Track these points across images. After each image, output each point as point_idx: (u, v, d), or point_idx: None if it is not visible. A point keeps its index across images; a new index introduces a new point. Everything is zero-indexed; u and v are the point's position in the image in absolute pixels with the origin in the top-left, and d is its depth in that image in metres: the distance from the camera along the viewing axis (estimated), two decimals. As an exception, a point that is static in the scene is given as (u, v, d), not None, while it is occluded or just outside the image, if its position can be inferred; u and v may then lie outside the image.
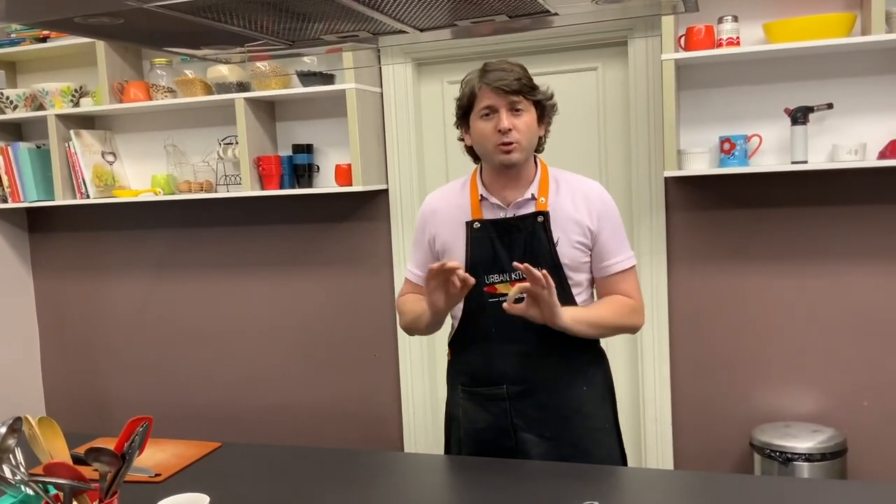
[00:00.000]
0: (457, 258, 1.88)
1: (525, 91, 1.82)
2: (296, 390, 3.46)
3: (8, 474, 1.43)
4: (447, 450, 2.04)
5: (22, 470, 1.43)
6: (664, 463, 2.96)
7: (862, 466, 2.71)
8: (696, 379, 2.92)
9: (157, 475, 1.82)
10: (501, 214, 1.88)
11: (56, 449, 1.45)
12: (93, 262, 3.71)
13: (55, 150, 3.35)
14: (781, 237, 2.77)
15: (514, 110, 1.81)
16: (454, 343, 1.98)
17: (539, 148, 1.94)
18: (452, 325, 1.99)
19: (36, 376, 3.85)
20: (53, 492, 1.39)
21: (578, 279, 1.89)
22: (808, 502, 1.48)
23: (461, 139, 1.96)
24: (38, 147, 3.52)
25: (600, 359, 1.99)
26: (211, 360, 3.57)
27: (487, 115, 1.82)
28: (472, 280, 1.72)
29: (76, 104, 3.43)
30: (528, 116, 1.83)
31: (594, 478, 1.65)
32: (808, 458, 2.54)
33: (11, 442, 1.42)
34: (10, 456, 1.42)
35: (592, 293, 1.97)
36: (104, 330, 3.73)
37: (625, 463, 1.99)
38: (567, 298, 1.85)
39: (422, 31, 1.33)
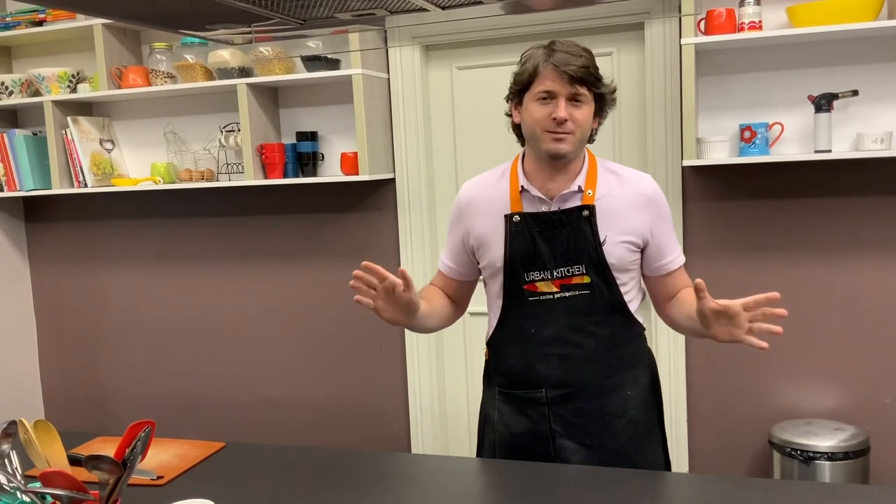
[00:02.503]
0: (494, 253, 1.77)
1: (590, 81, 1.68)
2: (299, 384, 3.38)
3: (3, 481, 1.35)
4: (479, 453, 1.94)
5: (18, 476, 1.35)
6: (679, 461, 2.88)
7: (886, 466, 2.63)
8: (712, 375, 2.83)
9: (159, 478, 1.73)
10: (543, 208, 1.75)
11: (53, 453, 1.37)
12: (91, 252, 3.62)
13: (52, 138, 3.26)
14: (803, 229, 2.68)
15: (574, 100, 1.68)
16: (492, 342, 1.87)
17: (591, 139, 1.80)
18: (490, 322, 1.88)
19: (33, 369, 3.77)
20: (50, 500, 1.31)
21: (625, 280, 1.76)
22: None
23: (509, 114, 1.82)
24: (35, 134, 3.42)
25: (646, 359, 1.88)
26: (212, 354, 3.49)
27: (545, 98, 1.68)
28: (407, 274, 1.63)
29: (73, 90, 3.33)
30: (587, 109, 1.70)
31: (623, 483, 1.57)
32: (831, 456, 2.46)
33: (6, 447, 1.34)
34: (6, 461, 1.34)
35: (643, 296, 1.87)
36: (102, 322, 3.65)
37: (668, 469, 1.89)
38: (616, 299, 1.75)
39: (443, 8, 1.23)
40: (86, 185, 3.27)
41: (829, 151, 2.51)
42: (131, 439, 1.30)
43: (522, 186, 1.77)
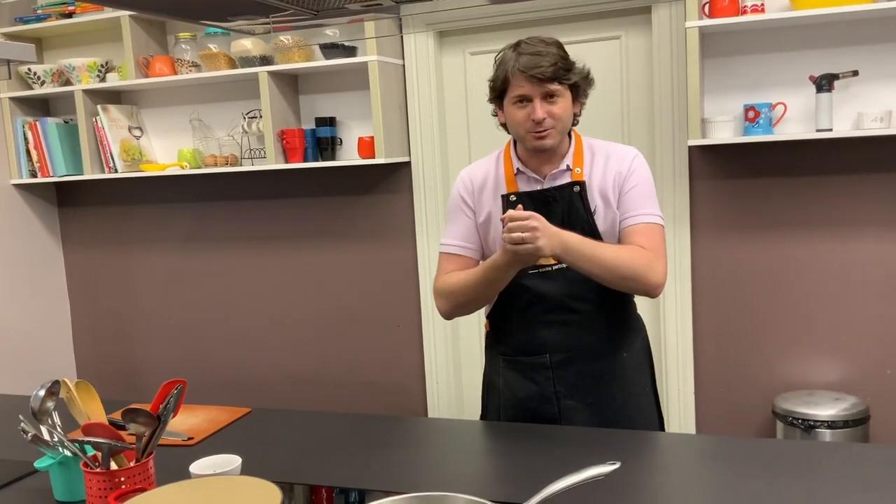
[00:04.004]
0: (497, 231, 1.88)
1: (560, 76, 1.76)
2: (320, 360, 3.51)
3: (47, 436, 1.49)
4: (484, 417, 2.05)
5: (60, 431, 1.48)
6: (686, 429, 2.98)
7: (885, 434, 2.71)
8: (718, 347, 2.93)
9: (189, 438, 1.86)
10: (538, 187, 1.87)
11: (93, 411, 1.50)
12: (121, 235, 3.77)
13: (83, 125, 3.40)
14: (806, 206, 2.76)
15: (548, 98, 1.77)
16: (493, 315, 1.98)
17: (574, 122, 1.90)
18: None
19: (68, 349, 3.94)
20: (91, 452, 1.44)
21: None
22: (832, 464, 1.50)
23: (495, 114, 1.93)
24: (66, 122, 3.57)
25: (638, 326, 2.00)
26: (238, 330, 3.63)
27: (521, 102, 1.78)
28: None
29: (102, 79, 3.47)
30: (564, 101, 1.79)
31: (623, 441, 1.68)
32: (831, 425, 2.55)
33: (50, 405, 1.47)
34: (49, 418, 1.47)
35: None
36: (132, 301, 3.80)
37: (662, 428, 2.01)
38: None
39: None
40: (116, 171, 3.41)
41: (831, 130, 2.59)
42: (165, 396, 1.42)
43: (518, 168, 1.88)
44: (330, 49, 3.08)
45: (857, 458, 1.53)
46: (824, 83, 2.58)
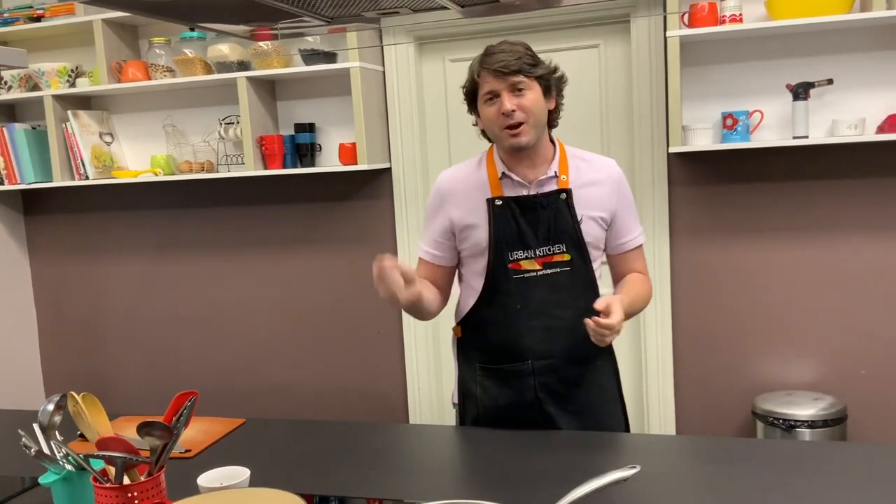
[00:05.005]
0: (479, 236, 1.89)
1: (525, 69, 1.80)
2: (301, 368, 3.48)
3: (55, 451, 1.45)
4: (462, 424, 2.06)
5: (68, 447, 1.45)
6: (667, 431, 3.03)
7: (862, 433, 2.79)
8: (697, 350, 2.98)
9: (187, 451, 1.84)
10: (524, 192, 1.89)
11: (99, 424, 1.46)
12: (91, 243, 3.69)
13: (52, 131, 3.33)
14: (782, 211, 2.83)
15: (516, 90, 1.80)
16: (467, 321, 1.97)
17: (553, 123, 1.93)
18: (465, 302, 1.99)
19: (34, 361, 3.84)
20: (98, 467, 1.41)
21: (595, 256, 1.93)
22: (812, 463, 1.54)
23: (475, 124, 1.96)
24: (34, 128, 3.49)
25: None
26: (214, 341, 3.58)
27: (491, 99, 1.83)
28: (408, 269, 1.71)
29: (72, 84, 3.39)
30: (533, 94, 1.82)
31: (621, 446, 1.70)
32: (811, 424, 2.61)
33: (57, 419, 1.44)
34: (56, 433, 1.44)
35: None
36: (103, 311, 3.72)
37: (627, 430, 2.05)
38: (589, 275, 1.89)
39: (462, 6, 1.34)
40: (87, 178, 3.34)
41: (806, 137, 2.66)
42: (177, 408, 1.40)
43: (503, 172, 1.90)
44: (310, 55, 3.06)
45: (849, 455, 1.58)
46: (800, 91, 2.65)
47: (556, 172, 1.88)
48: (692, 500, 1.42)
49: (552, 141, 1.94)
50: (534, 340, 1.89)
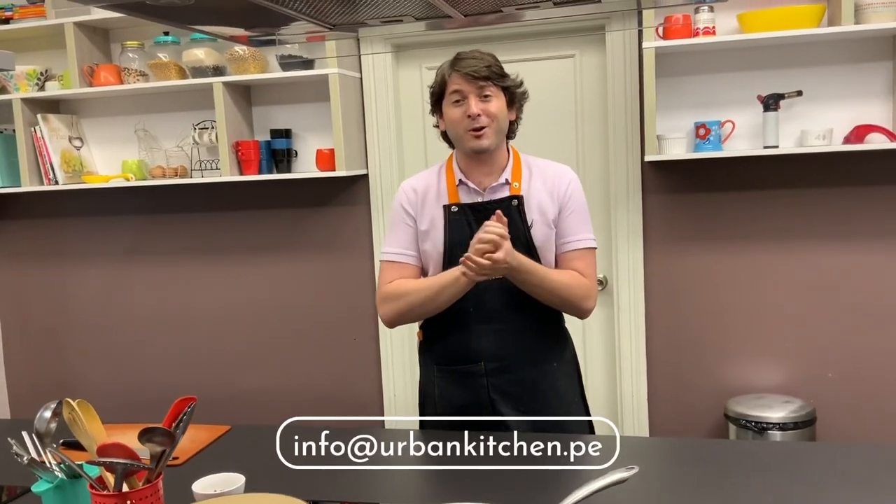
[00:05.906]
0: (434, 241, 1.96)
1: (494, 78, 1.90)
2: (275, 375, 3.46)
3: (51, 459, 1.43)
4: (421, 426, 2.11)
5: (62, 454, 1.43)
6: (640, 433, 3.07)
7: (830, 434, 2.87)
8: (671, 355, 3.04)
9: (175, 458, 1.82)
10: (478, 199, 1.96)
11: (95, 431, 1.45)
12: (58, 249, 3.63)
13: (21, 135, 3.26)
14: (752, 218, 2.90)
15: (482, 96, 1.89)
16: (428, 325, 2.04)
17: (511, 134, 2.02)
18: None
19: (-2, 368, 3.75)
20: (94, 474, 1.39)
21: (549, 259, 1.98)
22: (783, 462, 1.59)
23: (436, 125, 2.03)
24: (2, 132, 3.42)
25: (566, 338, 2.10)
26: (185, 348, 3.54)
27: (458, 101, 1.90)
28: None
29: (41, 88, 3.34)
30: (498, 102, 1.91)
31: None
32: (782, 426, 2.68)
33: (53, 426, 1.42)
34: (53, 441, 1.42)
35: None
36: (70, 318, 3.66)
37: (593, 433, 2.08)
38: None
39: (465, 16, 1.36)
40: (56, 183, 3.29)
41: (777, 147, 2.73)
42: (176, 414, 1.39)
43: (460, 180, 1.97)
44: (288, 61, 3.06)
45: (819, 456, 1.63)
46: (771, 102, 2.73)
47: (507, 179, 1.96)
48: (667, 500, 1.46)
49: (508, 150, 2.01)
50: (486, 343, 1.95)
